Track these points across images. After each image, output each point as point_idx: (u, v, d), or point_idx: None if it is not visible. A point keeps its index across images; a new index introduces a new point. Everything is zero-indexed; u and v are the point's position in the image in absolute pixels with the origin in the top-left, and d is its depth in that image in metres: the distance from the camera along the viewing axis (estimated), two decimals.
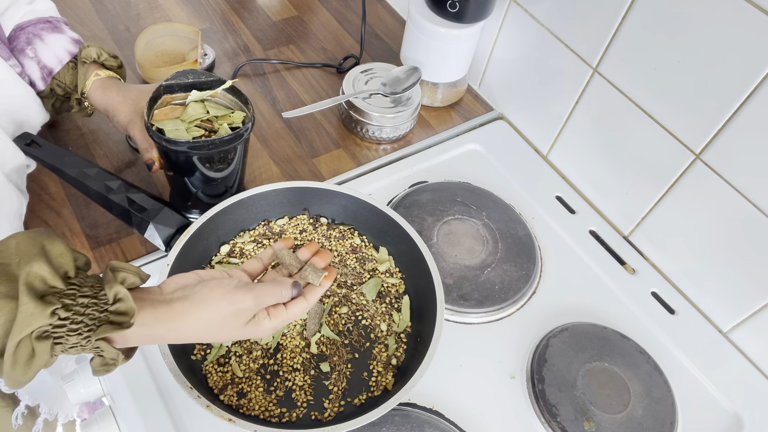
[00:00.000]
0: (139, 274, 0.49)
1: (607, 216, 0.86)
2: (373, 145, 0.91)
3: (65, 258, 0.44)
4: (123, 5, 1.04)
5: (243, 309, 0.52)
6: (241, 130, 0.68)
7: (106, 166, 0.82)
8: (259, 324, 0.53)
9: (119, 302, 0.45)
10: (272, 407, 0.62)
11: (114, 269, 0.47)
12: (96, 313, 0.44)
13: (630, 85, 0.75)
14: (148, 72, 0.89)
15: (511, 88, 0.95)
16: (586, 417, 0.66)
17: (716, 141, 0.68)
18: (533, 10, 0.84)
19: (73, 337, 0.43)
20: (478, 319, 0.73)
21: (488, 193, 0.84)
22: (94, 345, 0.45)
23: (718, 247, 0.73)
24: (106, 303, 0.45)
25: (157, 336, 0.49)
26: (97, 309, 0.44)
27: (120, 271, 0.47)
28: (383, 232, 0.74)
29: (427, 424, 0.63)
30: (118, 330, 0.44)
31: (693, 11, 0.65)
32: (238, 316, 0.52)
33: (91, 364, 0.48)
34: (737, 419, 0.70)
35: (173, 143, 0.65)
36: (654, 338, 0.75)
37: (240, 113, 0.72)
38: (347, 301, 0.70)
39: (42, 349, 0.42)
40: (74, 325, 0.43)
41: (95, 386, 0.67)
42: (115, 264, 0.47)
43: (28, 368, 0.43)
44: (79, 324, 0.43)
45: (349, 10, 1.12)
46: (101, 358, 0.47)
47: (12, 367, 0.42)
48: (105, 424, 0.64)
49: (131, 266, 0.48)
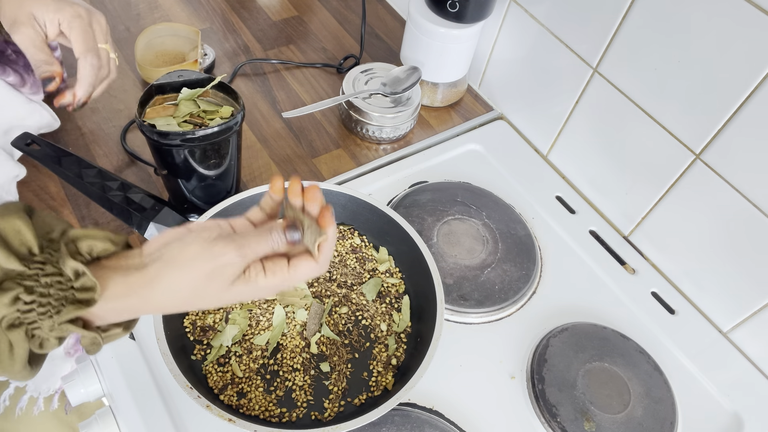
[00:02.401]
0: (110, 238, 0.43)
1: (607, 216, 0.86)
2: (373, 145, 0.91)
3: (24, 235, 0.39)
4: (123, 5, 1.04)
5: (225, 264, 0.43)
6: (231, 122, 0.68)
7: (106, 166, 0.82)
8: (251, 281, 0.45)
9: (82, 277, 0.40)
10: (272, 407, 0.62)
11: (75, 239, 0.41)
12: (60, 292, 0.39)
13: (630, 85, 0.75)
14: (148, 72, 0.89)
15: (511, 88, 0.95)
16: (586, 417, 0.66)
17: (716, 141, 0.68)
18: (533, 10, 0.84)
19: (45, 320, 0.39)
20: (478, 319, 0.73)
21: (488, 193, 0.84)
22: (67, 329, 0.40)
23: (718, 247, 0.73)
24: (69, 280, 0.40)
25: (133, 308, 0.43)
26: (61, 288, 0.40)
27: (83, 240, 0.41)
28: (383, 232, 0.74)
29: (427, 424, 0.63)
30: (82, 309, 0.40)
31: (693, 11, 0.65)
32: (221, 274, 0.44)
33: (80, 342, 0.43)
34: (737, 419, 0.70)
35: (165, 136, 0.65)
36: (654, 338, 0.75)
37: (228, 108, 0.72)
38: (347, 301, 0.70)
39: (17, 338, 0.39)
40: (42, 308, 0.39)
41: (95, 386, 0.67)
42: (77, 233, 0.41)
43: (13, 360, 0.40)
44: (47, 306, 0.39)
45: (349, 10, 1.12)
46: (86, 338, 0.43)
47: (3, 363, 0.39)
48: (105, 424, 0.64)
49: (98, 231, 0.42)
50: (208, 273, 0.43)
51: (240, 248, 0.44)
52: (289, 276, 0.46)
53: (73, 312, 0.40)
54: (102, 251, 0.42)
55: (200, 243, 0.43)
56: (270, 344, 0.66)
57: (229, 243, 0.44)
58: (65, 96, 0.64)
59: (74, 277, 0.40)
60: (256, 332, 0.66)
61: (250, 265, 0.45)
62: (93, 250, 0.42)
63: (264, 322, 0.67)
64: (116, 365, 0.65)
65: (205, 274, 0.43)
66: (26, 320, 0.39)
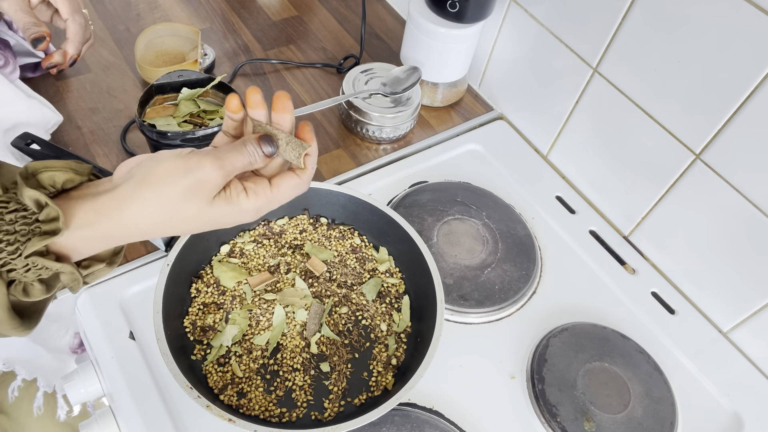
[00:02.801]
0: (72, 167, 0.41)
1: (607, 216, 0.86)
2: (373, 145, 0.91)
3: None
4: (123, 5, 1.04)
5: (202, 179, 0.40)
6: None
7: (106, 166, 0.82)
8: (233, 200, 0.42)
9: (46, 208, 0.38)
10: (272, 407, 0.62)
11: (35, 172, 0.39)
12: (26, 227, 0.38)
13: (630, 85, 0.75)
14: (148, 72, 0.89)
15: (511, 88, 0.95)
16: (586, 417, 0.66)
17: (716, 141, 0.68)
18: (533, 10, 0.84)
19: (16, 259, 0.38)
20: (478, 319, 0.73)
21: (488, 193, 0.84)
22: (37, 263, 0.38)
23: (719, 247, 0.73)
24: (33, 213, 0.38)
25: (106, 234, 0.41)
26: (26, 222, 0.38)
27: (44, 172, 0.39)
28: (383, 232, 0.74)
29: (427, 424, 0.63)
30: (47, 239, 0.38)
31: (693, 11, 0.65)
32: (198, 190, 0.40)
33: (62, 279, 0.41)
34: (737, 419, 0.70)
35: (165, 136, 0.65)
36: (654, 338, 0.75)
37: None
38: (347, 301, 0.70)
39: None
40: (11, 246, 0.37)
41: (95, 386, 0.67)
42: (36, 165, 0.39)
43: None
44: (15, 244, 0.38)
45: (349, 10, 1.12)
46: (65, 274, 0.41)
47: None
48: (105, 424, 0.64)
49: (58, 162, 0.40)
50: (185, 189, 0.40)
51: (217, 159, 0.41)
52: (273, 195, 0.44)
53: (39, 243, 0.38)
54: (67, 182, 0.40)
55: (174, 158, 0.40)
56: (270, 344, 0.66)
57: (204, 156, 0.41)
58: (54, 56, 0.65)
59: (37, 208, 0.38)
60: (256, 332, 0.66)
61: (230, 184, 0.42)
62: (56, 181, 0.40)
63: (264, 322, 0.67)
64: (116, 365, 0.65)
65: (182, 190, 0.40)
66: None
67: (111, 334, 0.66)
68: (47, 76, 0.90)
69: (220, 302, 0.68)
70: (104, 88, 0.91)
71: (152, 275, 0.62)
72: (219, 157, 0.41)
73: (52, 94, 0.87)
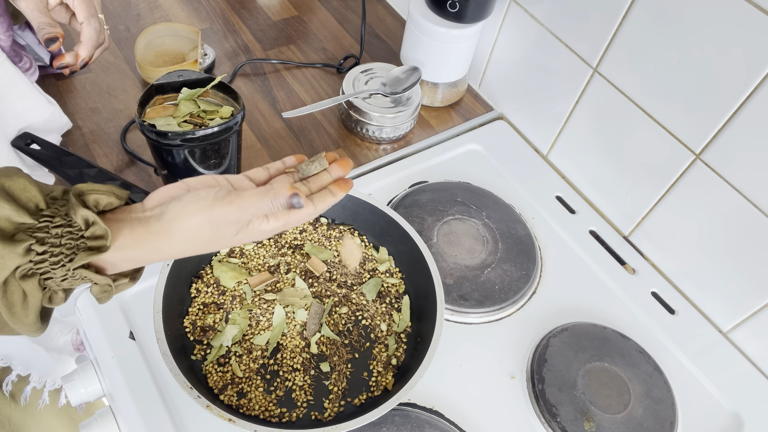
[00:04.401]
0: (114, 192, 0.45)
1: (607, 216, 0.86)
2: (373, 145, 0.91)
3: (30, 191, 0.42)
4: (123, 5, 1.04)
5: (226, 223, 0.46)
6: (231, 122, 0.68)
7: (106, 166, 0.82)
8: (254, 230, 0.47)
9: (93, 226, 0.43)
10: (272, 407, 0.62)
11: (81, 193, 0.44)
12: (72, 241, 0.42)
13: (630, 85, 0.75)
14: (148, 72, 0.89)
15: (511, 88, 0.95)
16: (586, 417, 0.66)
17: (716, 141, 0.68)
18: (533, 10, 0.84)
19: (58, 269, 0.42)
20: (478, 319, 0.73)
21: (488, 193, 0.84)
22: (81, 275, 0.43)
23: (718, 247, 0.73)
24: (80, 230, 0.43)
25: (141, 257, 0.46)
26: (72, 237, 0.42)
27: (90, 194, 0.44)
28: (383, 232, 0.74)
29: (427, 424, 0.63)
30: (94, 255, 0.42)
31: (693, 11, 0.65)
32: (223, 231, 0.46)
33: (91, 291, 0.46)
34: (737, 419, 0.70)
35: (165, 136, 0.65)
36: (654, 338, 0.75)
37: (228, 108, 0.72)
38: (347, 301, 0.70)
39: (30, 287, 0.41)
40: (54, 258, 0.42)
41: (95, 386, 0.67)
42: (82, 187, 0.44)
43: (26, 310, 0.42)
44: (59, 256, 0.42)
45: (349, 10, 1.12)
46: (98, 285, 0.45)
47: (10, 312, 0.41)
48: (105, 424, 0.64)
49: (102, 186, 0.45)
50: (209, 233, 0.46)
51: (240, 210, 0.46)
52: (290, 219, 0.48)
53: (86, 258, 0.42)
54: (107, 205, 0.45)
55: (200, 203, 0.45)
56: (270, 344, 0.66)
57: (228, 205, 0.45)
58: (65, 57, 0.67)
59: (84, 226, 0.43)
60: (256, 332, 0.66)
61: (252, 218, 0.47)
62: (99, 203, 0.44)
63: (264, 322, 0.67)
64: (116, 365, 0.65)
65: (208, 233, 0.46)
66: (39, 270, 0.41)
67: (111, 334, 0.66)
68: (47, 77, 0.90)
69: (220, 302, 0.68)
70: (104, 88, 0.91)
71: (152, 275, 0.62)
72: (241, 208, 0.46)
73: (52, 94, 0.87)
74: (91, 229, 0.43)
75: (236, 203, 0.45)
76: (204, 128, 0.66)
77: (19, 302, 0.42)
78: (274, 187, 0.47)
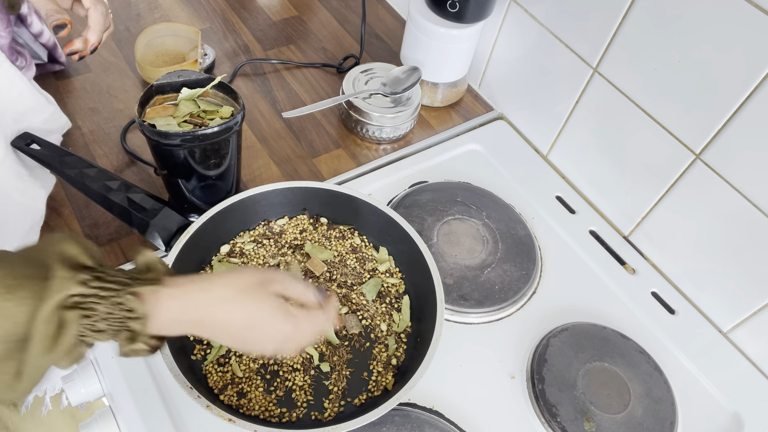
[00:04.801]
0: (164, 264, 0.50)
1: (607, 216, 0.86)
2: (373, 145, 0.91)
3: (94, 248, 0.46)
4: (123, 5, 1.04)
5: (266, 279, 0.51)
6: (231, 122, 0.68)
7: (106, 166, 0.82)
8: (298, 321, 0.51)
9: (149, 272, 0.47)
10: (272, 407, 0.62)
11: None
12: (125, 279, 0.45)
13: (630, 85, 0.75)
14: (148, 72, 0.89)
15: (511, 88, 0.95)
16: (586, 417, 0.66)
17: (716, 141, 0.68)
18: (533, 10, 0.84)
19: (101, 305, 0.43)
20: (478, 319, 0.73)
21: (488, 193, 0.84)
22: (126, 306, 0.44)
23: (718, 247, 0.73)
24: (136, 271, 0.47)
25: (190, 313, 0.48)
26: (126, 276, 0.45)
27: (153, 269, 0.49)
28: (383, 232, 0.74)
29: (427, 424, 0.63)
30: (150, 285, 0.45)
31: (693, 11, 0.65)
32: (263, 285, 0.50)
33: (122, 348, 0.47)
34: (737, 419, 0.70)
35: (165, 136, 0.65)
36: (654, 338, 0.75)
37: (228, 108, 0.72)
38: (347, 301, 0.70)
39: (70, 318, 0.42)
40: (104, 292, 0.43)
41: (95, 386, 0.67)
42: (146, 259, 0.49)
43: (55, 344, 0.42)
44: (109, 291, 0.44)
45: (349, 10, 1.12)
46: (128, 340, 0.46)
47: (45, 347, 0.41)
48: (105, 424, 0.64)
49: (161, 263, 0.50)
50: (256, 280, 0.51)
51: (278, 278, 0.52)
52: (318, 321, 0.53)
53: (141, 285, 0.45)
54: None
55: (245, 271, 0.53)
56: None
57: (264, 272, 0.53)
58: (74, 43, 0.68)
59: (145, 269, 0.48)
60: None
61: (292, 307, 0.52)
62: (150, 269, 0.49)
63: None
64: (116, 365, 0.65)
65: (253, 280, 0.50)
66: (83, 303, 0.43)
67: None
68: (47, 77, 0.90)
69: None
70: (104, 88, 0.91)
71: None
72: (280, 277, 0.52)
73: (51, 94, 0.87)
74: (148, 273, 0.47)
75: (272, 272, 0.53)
76: (204, 128, 0.66)
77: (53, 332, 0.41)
78: None
